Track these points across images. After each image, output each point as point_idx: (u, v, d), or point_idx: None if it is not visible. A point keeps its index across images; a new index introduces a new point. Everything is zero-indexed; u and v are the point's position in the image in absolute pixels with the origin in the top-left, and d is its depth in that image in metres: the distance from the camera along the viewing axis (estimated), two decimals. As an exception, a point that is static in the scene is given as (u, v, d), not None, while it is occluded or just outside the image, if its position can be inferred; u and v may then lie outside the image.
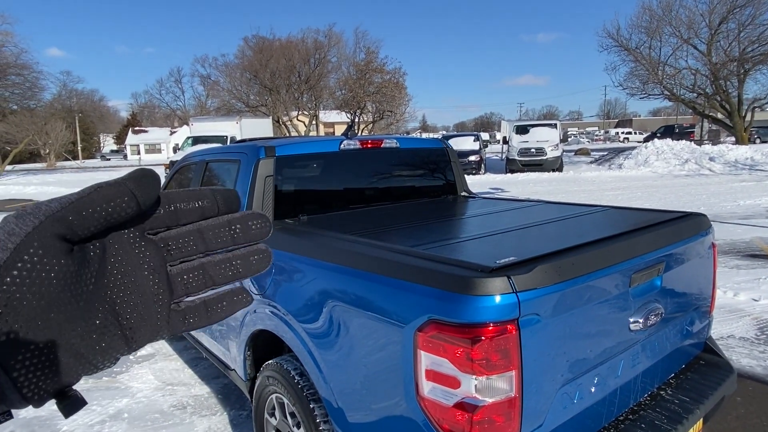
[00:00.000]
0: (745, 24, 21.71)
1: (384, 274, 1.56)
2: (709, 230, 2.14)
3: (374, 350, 1.57)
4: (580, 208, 2.57)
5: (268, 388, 2.16)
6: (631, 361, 1.75)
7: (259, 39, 32.23)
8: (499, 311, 1.31)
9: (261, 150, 2.55)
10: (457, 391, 1.34)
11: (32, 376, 0.32)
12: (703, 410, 1.88)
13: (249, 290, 1.75)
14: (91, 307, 0.35)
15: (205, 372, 3.77)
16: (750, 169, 17.46)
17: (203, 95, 63.42)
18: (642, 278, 1.70)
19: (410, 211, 2.78)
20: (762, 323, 4.16)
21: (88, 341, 0.34)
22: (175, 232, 0.40)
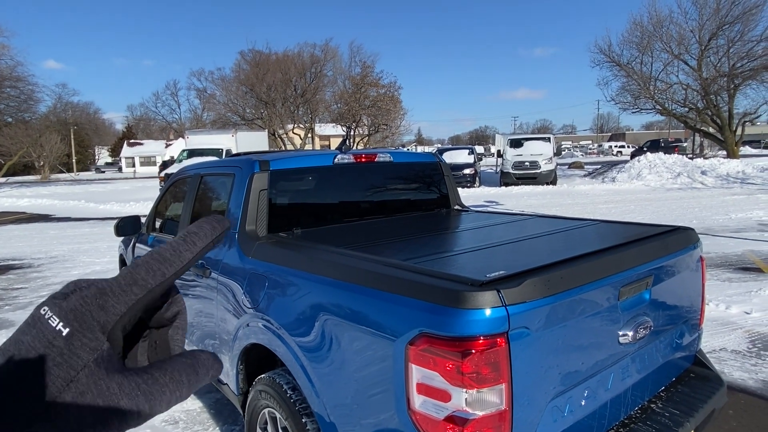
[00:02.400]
0: (734, 40, 22.11)
1: (376, 288, 1.58)
2: (697, 244, 2.17)
3: (366, 364, 1.58)
4: (571, 222, 2.60)
5: (260, 403, 2.16)
6: (621, 374, 1.77)
7: (255, 53, 32.53)
8: (489, 324, 1.33)
9: (255, 164, 2.57)
10: (448, 405, 1.35)
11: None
12: (694, 423, 1.90)
13: (243, 304, 1.75)
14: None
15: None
16: (741, 183, 17.65)
17: (199, 108, 63.66)
18: (631, 291, 1.73)
19: (403, 224, 2.81)
20: (754, 336, 4.19)
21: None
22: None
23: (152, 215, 3.92)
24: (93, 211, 16.85)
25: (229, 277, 2.44)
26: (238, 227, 2.50)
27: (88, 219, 14.87)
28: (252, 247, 2.36)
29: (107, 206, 17.39)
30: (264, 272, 2.17)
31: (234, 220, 2.55)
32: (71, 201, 19.84)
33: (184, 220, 3.23)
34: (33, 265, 8.52)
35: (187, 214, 3.20)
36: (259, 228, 2.49)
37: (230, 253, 2.49)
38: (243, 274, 2.32)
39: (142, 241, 3.91)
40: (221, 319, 2.50)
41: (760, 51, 21.46)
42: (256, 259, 2.29)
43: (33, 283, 7.22)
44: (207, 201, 3.12)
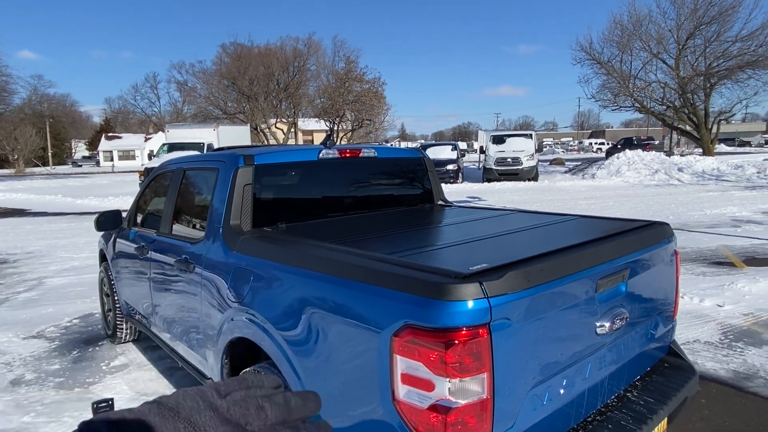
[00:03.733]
0: (710, 40, 22.61)
1: (361, 281, 1.60)
2: (672, 238, 2.24)
3: (351, 356, 1.61)
4: (551, 217, 2.66)
5: (245, 396, 2.17)
6: (599, 363, 1.83)
7: (237, 46, 32.15)
8: (472, 316, 1.36)
9: (240, 158, 2.57)
10: (431, 394, 1.39)
11: None
12: (667, 410, 1.97)
13: (227, 299, 1.76)
14: None
15: (180, 382, 3.73)
16: (716, 180, 18.10)
17: (179, 101, 62.65)
18: (608, 284, 1.78)
19: (387, 219, 2.83)
20: (726, 328, 4.33)
21: None
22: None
23: (133, 210, 3.89)
24: (70, 205, 16.52)
25: (213, 271, 2.44)
26: (223, 222, 2.50)
27: (66, 214, 14.58)
28: (236, 241, 2.37)
29: (85, 201, 17.07)
30: (249, 266, 2.18)
31: (218, 215, 2.55)
32: (47, 195, 19.41)
33: (166, 215, 3.21)
34: (8, 260, 8.34)
35: (170, 209, 3.18)
36: (243, 223, 2.49)
37: (214, 247, 2.49)
38: (227, 268, 2.33)
39: (123, 236, 3.87)
40: (205, 313, 2.50)
41: (735, 51, 22.00)
42: (240, 253, 2.29)
43: (9, 279, 7.08)
44: (190, 195, 3.10)
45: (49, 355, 4.29)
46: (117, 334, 4.36)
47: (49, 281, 6.93)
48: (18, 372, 3.96)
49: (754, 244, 7.66)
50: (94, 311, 5.50)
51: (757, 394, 3.22)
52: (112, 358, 4.21)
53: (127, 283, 3.84)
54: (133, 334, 4.44)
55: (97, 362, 4.14)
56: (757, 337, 4.12)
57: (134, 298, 3.75)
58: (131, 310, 3.93)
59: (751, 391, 3.25)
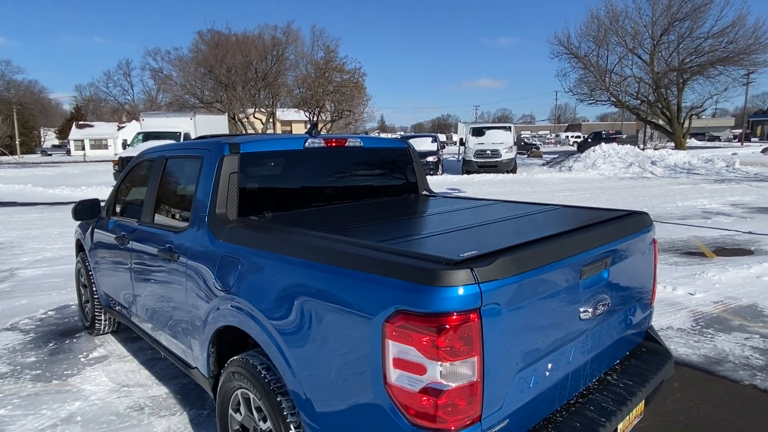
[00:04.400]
0: (683, 36, 23.13)
1: (352, 268, 1.62)
2: (651, 227, 2.32)
3: (342, 342, 1.62)
4: (535, 207, 2.71)
5: (233, 384, 2.17)
6: (581, 348, 1.88)
7: (214, 33, 31.47)
8: (463, 301, 1.39)
9: (225, 146, 2.54)
10: (423, 378, 1.42)
11: None
12: (645, 393, 2.05)
13: (214, 288, 1.75)
14: None
15: (162, 372, 3.70)
16: (687, 173, 18.61)
17: (153, 90, 61.22)
18: (591, 271, 1.84)
19: (373, 209, 2.85)
20: (697, 315, 4.48)
21: None
22: None
23: (112, 199, 3.81)
24: (41, 195, 16.04)
25: (198, 260, 2.42)
26: (208, 211, 2.48)
27: (36, 204, 14.15)
28: (223, 230, 2.35)
29: (56, 191, 16.60)
30: (236, 255, 2.17)
31: (203, 204, 2.53)
32: (17, 185, 18.80)
33: (147, 204, 3.16)
34: (-23, 251, 8.08)
35: (152, 198, 3.14)
36: (229, 211, 2.47)
37: (199, 236, 2.47)
38: (214, 257, 2.31)
39: (102, 226, 3.80)
40: (191, 303, 2.48)
41: (707, 48, 22.56)
42: (227, 242, 2.28)
43: (-21, 270, 6.87)
44: (173, 184, 3.06)
45: (25, 348, 4.19)
46: (95, 325, 4.28)
47: (21, 272, 6.75)
48: (-8, 365, 3.87)
49: (723, 235, 7.93)
50: (69, 303, 5.38)
51: (726, 377, 3.36)
52: (91, 350, 4.14)
53: (107, 273, 3.77)
54: (111, 326, 4.37)
55: (75, 354, 4.06)
56: (726, 323, 4.28)
57: (114, 288, 3.69)
58: (111, 300, 3.86)
59: (721, 375, 3.39)
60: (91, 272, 4.15)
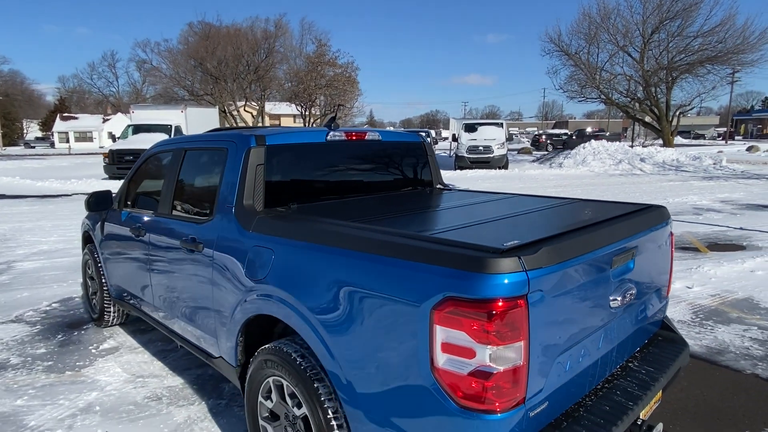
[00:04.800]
0: (674, 35, 23.43)
1: (398, 258, 1.66)
2: (669, 221, 2.40)
3: (386, 328, 1.67)
4: (554, 200, 2.78)
5: (264, 372, 2.21)
6: (609, 335, 1.96)
7: (205, 25, 31.08)
8: (511, 288, 1.45)
9: (251, 138, 2.57)
10: (472, 361, 1.47)
11: None
12: (666, 379, 2.13)
13: (245, 278, 1.78)
14: None
15: (175, 363, 3.72)
16: (676, 170, 18.92)
17: (139, 82, 60.29)
18: (620, 261, 1.91)
19: (396, 201, 2.90)
20: (696, 308, 4.61)
21: None
22: None
23: (124, 191, 3.81)
24: (30, 188, 15.79)
25: (226, 251, 2.45)
26: (235, 202, 2.51)
27: (26, 196, 13.94)
28: (252, 221, 2.38)
29: (46, 183, 16.35)
30: (269, 245, 2.20)
31: (229, 195, 2.55)
32: (4, 177, 18.45)
33: (165, 196, 3.17)
34: (-28, 244, 7.97)
35: (169, 189, 3.15)
36: (256, 203, 2.50)
37: (227, 227, 2.50)
38: (243, 248, 2.34)
39: (114, 218, 3.79)
40: (217, 293, 2.51)
41: (696, 46, 22.90)
42: (257, 233, 2.31)
43: (-25, 263, 6.78)
44: (193, 176, 3.07)
45: (33, 339, 4.18)
46: (104, 317, 4.28)
47: (19, 265, 6.68)
48: (1, 356, 3.85)
49: (715, 230, 8.11)
50: (73, 295, 5.36)
51: (728, 367, 3.48)
52: (101, 342, 4.14)
53: (119, 265, 3.77)
54: (120, 318, 4.38)
55: (85, 346, 4.06)
56: (724, 315, 4.41)
57: (127, 280, 3.70)
58: (122, 292, 3.86)
59: (723, 365, 3.51)
60: (100, 264, 4.15)
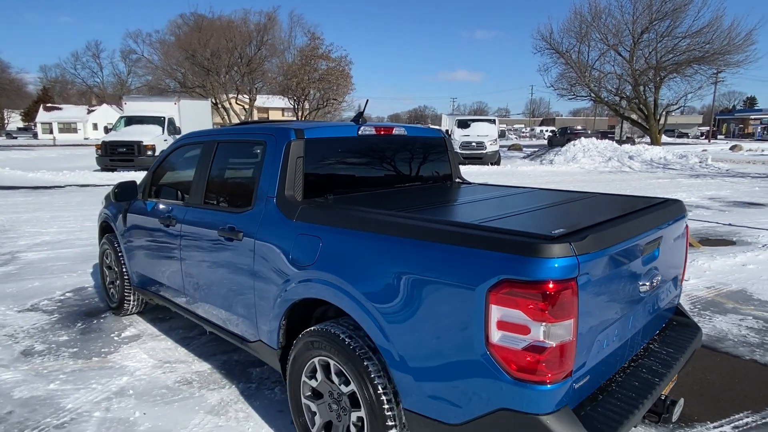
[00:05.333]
0: (662, 35, 23.88)
1: (453, 244, 1.81)
2: (685, 214, 2.58)
3: (441, 310, 1.81)
4: (575, 194, 2.95)
5: (310, 353, 2.33)
6: (637, 317, 2.13)
7: (197, 17, 30.78)
8: (563, 271, 1.60)
9: (291, 132, 2.69)
10: (527, 337, 1.63)
11: None
12: (684, 359, 2.31)
13: (290, 264, 1.92)
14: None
15: (200, 350, 3.82)
16: (663, 168, 19.34)
17: (124, 72, 59.32)
18: (649, 249, 2.08)
19: (423, 193, 3.03)
20: (693, 299, 4.84)
21: None
22: None
23: (149, 181, 3.89)
24: (21, 179, 15.60)
25: (269, 239, 2.56)
26: (276, 192, 2.62)
27: (18, 188, 13.79)
28: (295, 210, 2.50)
29: (37, 174, 16.16)
30: (315, 233, 2.33)
31: (269, 186, 2.67)
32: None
33: (197, 186, 3.27)
34: (-28, 234, 7.93)
35: (202, 180, 3.24)
36: (296, 193, 2.62)
37: (269, 216, 2.61)
38: (287, 235, 2.46)
39: (138, 209, 3.87)
40: (259, 279, 2.63)
41: (684, 47, 23.37)
42: (302, 221, 2.43)
43: (-20, 253, 6.78)
44: (227, 167, 3.17)
45: (53, 327, 4.25)
46: (124, 305, 4.36)
47: (23, 256, 6.69)
48: (26, 343, 3.92)
49: (705, 226, 8.40)
50: (85, 285, 5.42)
51: (728, 353, 3.69)
52: (122, 329, 4.22)
53: (143, 254, 3.86)
54: (139, 306, 4.46)
55: (107, 333, 4.15)
56: (721, 306, 4.64)
57: (152, 268, 3.79)
58: (146, 280, 3.95)
59: (723, 351, 3.72)
60: (121, 254, 4.22)
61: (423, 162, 3.48)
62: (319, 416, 2.39)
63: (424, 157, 3.49)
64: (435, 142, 3.54)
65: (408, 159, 3.37)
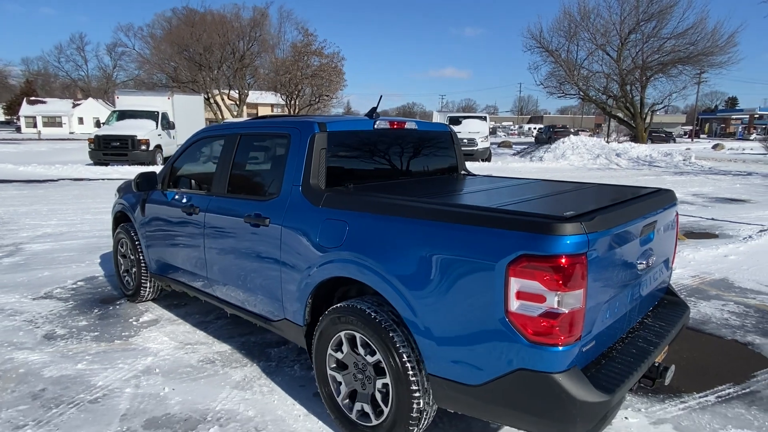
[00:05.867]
0: (648, 36, 24.41)
1: (475, 225, 2.03)
2: (676, 202, 2.84)
3: (464, 284, 2.03)
4: (576, 184, 3.20)
5: (337, 327, 2.54)
6: (634, 293, 2.38)
7: (189, 11, 30.59)
8: (575, 246, 1.84)
9: (315, 125, 2.89)
10: (543, 305, 1.86)
11: None
12: (675, 332, 2.57)
13: (317, 246, 2.15)
14: None
15: (217, 332, 4.01)
16: (649, 165, 19.83)
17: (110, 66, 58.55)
18: (646, 231, 2.33)
19: (435, 184, 3.26)
20: (679, 286, 5.13)
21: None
22: None
23: (168, 172, 4.05)
24: (12, 173, 15.52)
25: (296, 223, 2.76)
26: (302, 181, 2.83)
27: (11, 181, 13.75)
28: (321, 198, 2.71)
29: (29, 168, 16.09)
30: (343, 218, 2.54)
31: (295, 176, 2.87)
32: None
33: (220, 177, 3.44)
34: (-26, 226, 7.98)
35: (225, 171, 3.42)
36: (320, 182, 2.83)
37: (296, 203, 2.81)
38: (315, 220, 2.67)
39: (158, 198, 4.04)
40: (286, 261, 2.83)
41: (669, 48, 23.91)
42: (329, 207, 2.64)
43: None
44: (252, 158, 3.36)
45: (71, 313, 4.40)
46: (140, 292, 4.53)
47: (27, 247, 6.79)
48: (46, 328, 4.07)
49: (689, 221, 8.75)
50: (95, 274, 5.56)
51: (712, 334, 3.99)
52: (139, 315, 4.39)
53: (164, 241, 4.03)
54: (155, 293, 4.62)
55: (124, 318, 4.31)
56: (705, 293, 4.95)
57: (172, 255, 3.96)
58: (165, 267, 4.12)
59: (707, 332, 4.02)
60: (137, 242, 4.39)
61: (431, 154, 3.70)
62: (345, 385, 2.60)
63: (432, 150, 3.71)
64: (443, 136, 3.77)
65: (418, 151, 3.59)
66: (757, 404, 2.96)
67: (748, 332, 4.00)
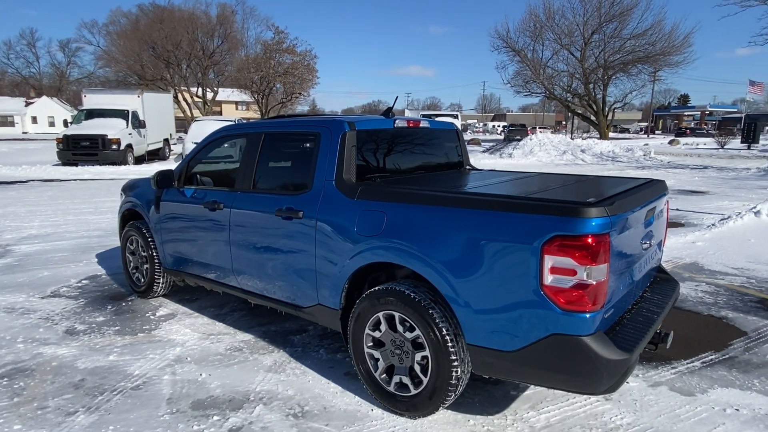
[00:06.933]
0: (610, 36, 25.51)
1: (510, 211, 2.32)
2: (667, 191, 3.22)
3: (502, 262, 2.32)
4: (575, 176, 3.55)
5: (374, 308, 2.79)
6: (639, 268, 2.73)
7: (156, 7, 29.90)
8: (601, 227, 2.16)
9: (345, 124, 3.12)
10: (574, 278, 2.17)
11: None
12: (671, 304, 2.95)
13: (355, 235, 2.45)
14: None
15: (237, 323, 4.18)
16: (612, 160, 20.76)
17: (63, 63, 56.40)
18: (649, 215, 2.68)
19: (450, 177, 3.54)
20: (656, 270, 5.61)
21: None
22: None
23: (184, 170, 4.19)
24: (-24, 174, 14.96)
25: (332, 215, 2.99)
26: (335, 176, 3.06)
27: (-24, 183, 13.28)
28: (355, 191, 2.95)
29: (-7, 169, 15.54)
30: (380, 209, 2.78)
31: (327, 171, 3.10)
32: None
33: (244, 174, 3.62)
34: (-46, 229, 7.78)
35: (250, 168, 3.60)
36: (352, 177, 3.07)
37: (330, 196, 3.04)
38: (352, 211, 2.91)
39: (175, 196, 4.16)
40: (321, 250, 3.05)
41: (629, 48, 25.05)
42: (364, 199, 2.89)
43: (-28, 246, 6.73)
44: (278, 156, 3.56)
45: (84, 310, 4.47)
46: (153, 288, 4.64)
47: (16, 248, 6.72)
48: (65, 324, 4.15)
49: (657, 211, 9.37)
50: (98, 273, 5.60)
51: (690, 311, 4.43)
52: (154, 310, 4.50)
53: (182, 236, 4.16)
54: (167, 288, 4.74)
55: (141, 313, 4.42)
56: (679, 276, 5.42)
57: (192, 250, 4.10)
58: (183, 262, 4.25)
59: (686, 309, 4.46)
60: (150, 239, 4.50)
61: (442, 150, 3.99)
62: (382, 361, 2.86)
63: (442, 146, 4.00)
64: (450, 134, 4.06)
65: (431, 148, 3.88)
66: (736, 367, 3.38)
67: (721, 308, 4.47)
